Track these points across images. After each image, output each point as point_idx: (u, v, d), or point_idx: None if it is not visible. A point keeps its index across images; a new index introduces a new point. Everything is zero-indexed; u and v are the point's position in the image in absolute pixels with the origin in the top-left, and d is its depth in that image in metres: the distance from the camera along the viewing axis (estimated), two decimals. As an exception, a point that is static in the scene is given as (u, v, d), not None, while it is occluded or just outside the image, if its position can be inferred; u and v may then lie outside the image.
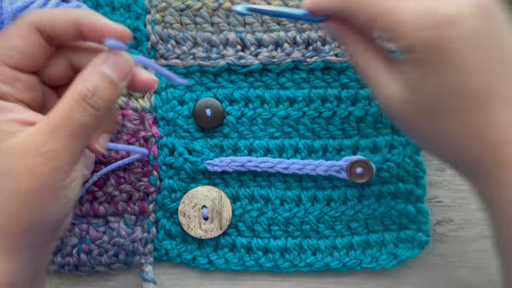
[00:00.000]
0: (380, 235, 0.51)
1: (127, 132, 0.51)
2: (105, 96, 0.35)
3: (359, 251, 0.51)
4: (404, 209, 0.51)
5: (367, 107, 0.51)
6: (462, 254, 0.52)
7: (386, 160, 0.51)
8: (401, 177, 0.51)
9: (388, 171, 0.51)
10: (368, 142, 0.51)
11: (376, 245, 0.51)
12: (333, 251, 0.51)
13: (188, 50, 0.51)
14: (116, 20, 0.50)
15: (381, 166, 0.51)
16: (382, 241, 0.51)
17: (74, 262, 0.51)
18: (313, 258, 0.51)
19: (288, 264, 0.51)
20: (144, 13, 0.51)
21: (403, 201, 0.51)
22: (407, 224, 0.51)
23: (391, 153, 0.51)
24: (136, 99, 0.51)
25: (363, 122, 0.51)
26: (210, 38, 0.51)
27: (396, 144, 0.51)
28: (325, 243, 0.51)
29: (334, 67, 0.51)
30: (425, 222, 0.51)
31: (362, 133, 0.51)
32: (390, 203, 0.51)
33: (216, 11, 0.51)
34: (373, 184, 0.51)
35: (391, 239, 0.51)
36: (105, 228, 0.51)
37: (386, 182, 0.51)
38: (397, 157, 0.50)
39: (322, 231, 0.51)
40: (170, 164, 0.51)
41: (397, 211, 0.51)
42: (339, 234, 0.52)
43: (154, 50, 0.51)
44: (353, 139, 0.51)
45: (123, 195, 0.51)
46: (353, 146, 0.51)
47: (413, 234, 0.51)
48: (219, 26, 0.51)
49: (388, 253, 0.51)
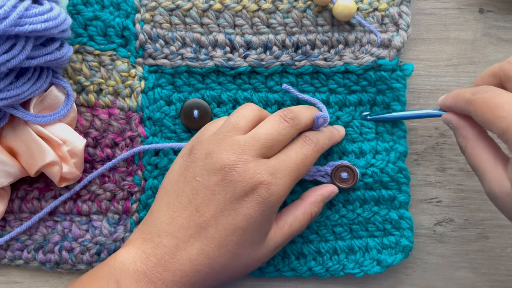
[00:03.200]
0: (364, 241, 0.51)
1: (113, 131, 0.51)
2: None
3: (342, 256, 0.51)
4: (387, 215, 0.51)
5: (354, 112, 0.51)
6: (462, 254, 0.53)
7: (371, 165, 0.51)
8: (384, 183, 0.51)
9: (372, 176, 0.51)
10: (354, 147, 0.51)
11: (359, 250, 0.51)
12: (317, 256, 0.51)
13: (177, 50, 0.51)
14: (105, 18, 0.50)
15: (365, 171, 0.51)
16: (366, 246, 0.51)
17: (56, 259, 0.51)
18: (297, 262, 0.51)
19: (271, 269, 0.51)
20: (134, 12, 0.51)
21: (386, 207, 0.51)
22: (391, 230, 0.51)
23: (375, 158, 0.51)
24: (123, 98, 0.51)
25: (350, 127, 0.51)
26: (199, 39, 0.51)
27: (380, 149, 0.51)
28: (309, 247, 0.51)
29: (323, 71, 0.51)
30: (408, 228, 0.51)
31: (348, 137, 0.51)
32: (374, 208, 0.51)
33: (206, 12, 0.51)
34: (358, 189, 0.51)
35: (375, 245, 0.51)
36: (88, 226, 0.51)
37: (370, 188, 0.51)
38: (381, 163, 0.51)
39: (307, 236, 0.51)
40: (155, 164, 0.51)
41: (381, 217, 0.51)
42: (323, 239, 0.52)
43: (142, 49, 0.51)
44: (339, 143, 0.51)
45: (107, 193, 0.51)
46: (339, 151, 0.51)
47: (396, 240, 0.51)
48: (209, 27, 0.51)
49: (371, 259, 0.51)
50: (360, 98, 0.51)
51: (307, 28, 0.51)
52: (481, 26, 0.53)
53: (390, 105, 0.51)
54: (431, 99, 0.53)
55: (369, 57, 0.50)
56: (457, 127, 0.44)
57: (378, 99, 0.51)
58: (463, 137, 0.44)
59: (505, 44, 0.53)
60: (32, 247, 0.51)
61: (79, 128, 0.51)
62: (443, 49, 0.53)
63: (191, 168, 0.44)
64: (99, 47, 0.51)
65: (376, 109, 0.51)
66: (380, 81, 0.50)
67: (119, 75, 0.51)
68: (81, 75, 0.51)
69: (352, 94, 0.51)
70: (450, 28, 0.53)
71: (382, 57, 0.50)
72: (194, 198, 0.43)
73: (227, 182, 0.42)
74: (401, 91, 0.50)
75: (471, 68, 0.53)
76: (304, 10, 0.50)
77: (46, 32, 0.44)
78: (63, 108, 0.49)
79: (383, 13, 0.50)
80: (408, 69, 0.50)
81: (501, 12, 0.53)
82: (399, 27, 0.50)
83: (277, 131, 0.44)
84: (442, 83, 0.53)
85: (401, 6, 0.50)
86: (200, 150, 0.44)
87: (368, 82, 0.51)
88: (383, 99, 0.51)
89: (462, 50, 0.53)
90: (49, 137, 0.48)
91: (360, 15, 0.50)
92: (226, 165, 0.42)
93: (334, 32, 0.50)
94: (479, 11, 0.53)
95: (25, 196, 0.51)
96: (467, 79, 0.53)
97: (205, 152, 0.43)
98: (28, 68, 0.46)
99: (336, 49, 0.51)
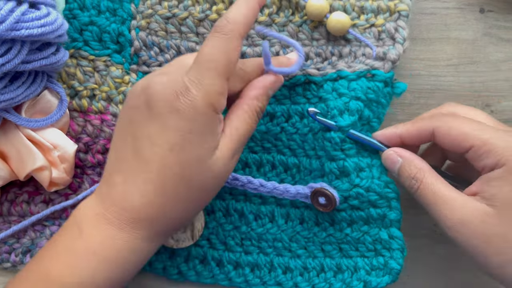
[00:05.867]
0: (354, 260, 0.49)
1: (105, 137, 0.51)
2: None
3: (329, 274, 0.50)
4: (377, 234, 0.48)
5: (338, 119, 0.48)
6: (462, 255, 0.52)
7: (355, 186, 0.47)
8: (372, 202, 0.48)
9: (357, 198, 0.48)
10: (334, 166, 0.48)
11: (347, 270, 0.49)
12: (304, 271, 0.50)
13: (171, 58, 0.51)
14: (101, 24, 0.50)
15: (349, 194, 0.48)
16: (355, 266, 0.49)
17: (43, 264, 0.50)
18: (283, 276, 0.50)
19: (257, 281, 0.50)
20: (130, 19, 0.51)
21: (376, 225, 0.48)
22: (381, 250, 0.48)
23: (359, 177, 0.48)
24: (116, 104, 0.51)
25: (329, 142, 0.48)
26: (194, 48, 0.51)
27: (363, 166, 0.48)
28: (296, 262, 0.50)
29: (314, 80, 0.50)
30: (398, 249, 0.48)
31: (329, 155, 0.49)
32: (363, 228, 0.49)
33: (202, 21, 0.51)
34: (343, 210, 0.49)
35: (364, 265, 0.49)
36: (77, 231, 0.51)
37: (357, 208, 0.48)
38: (366, 181, 0.47)
39: (295, 250, 0.51)
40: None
41: (371, 237, 0.49)
42: (312, 255, 0.50)
43: (136, 56, 0.51)
44: (321, 160, 0.49)
45: (97, 199, 0.51)
46: (321, 169, 0.49)
47: (385, 262, 0.48)
48: (204, 37, 0.51)
49: (359, 280, 0.49)
50: (348, 106, 0.48)
51: (302, 42, 0.51)
52: (482, 26, 0.53)
53: (370, 121, 0.49)
54: (431, 99, 0.53)
55: (363, 65, 0.49)
56: (410, 160, 0.45)
57: (365, 113, 0.48)
58: (419, 169, 0.44)
59: (505, 44, 0.53)
60: (20, 250, 0.51)
61: (70, 133, 0.51)
62: (444, 48, 0.53)
63: (128, 101, 0.42)
64: (94, 52, 0.51)
65: (357, 124, 0.48)
66: (371, 90, 0.48)
67: (113, 81, 0.51)
68: (75, 79, 0.51)
69: (341, 97, 0.48)
70: (451, 28, 0.53)
71: (376, 67, 0.48)
72: (130, 126, 0.41)
73: (148, 99, 0.40)
74: (384, 109, 0.49)
75: (472, 68, 0.53)
76: (300, 24, 0.51)
77: (42, 37, 0.44)
78: (56, 113, 0.49)
79: (379, 29, 0.50)
80: (400, 88, 0.49)
81: (502, 12, 0.53)
82: (395, 41, 0.49)
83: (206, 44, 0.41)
84: (443, 83, 0.53)
85: (398, 20, 0.49)
86: (135, 85, 0.42)
87: (360, 88, 0.48)
88: (369, 114, 0.48)
89: (462, 50, 0.53)
90: (39, 141, 0.48)
91: (357, 31, 0.50)
92: (146, 84, 0.40)
93: (329, 46, 0.51)
94: (479, 11, 0.53)
95: (15, 199, 0.51)
96: (467, 79, 0.53)
97: (139, 85, 0.42)
98: (23, 72, 0.46)
99: (329, 60, 0.51)
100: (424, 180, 0.43)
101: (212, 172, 0.41)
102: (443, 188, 0.42)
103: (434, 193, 0.42)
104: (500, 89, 0.54)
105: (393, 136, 0.46)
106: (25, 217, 0.51)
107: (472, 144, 0.41)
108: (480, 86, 0.54)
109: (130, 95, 0.42)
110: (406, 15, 0.50)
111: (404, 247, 0.48)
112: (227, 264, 0.51)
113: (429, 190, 0.43)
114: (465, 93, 0.54)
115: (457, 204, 0.41)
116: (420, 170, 0.44)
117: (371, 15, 0.50)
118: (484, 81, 0.54)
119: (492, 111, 0.54)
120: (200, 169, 0.40)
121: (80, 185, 0.51)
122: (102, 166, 0.51)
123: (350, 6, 0.50)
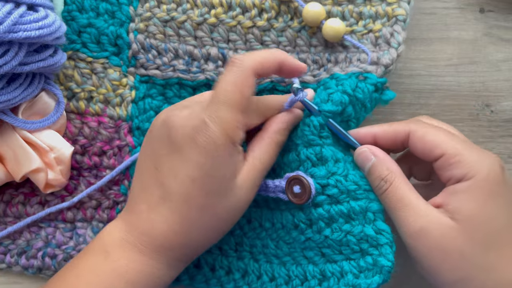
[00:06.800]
0: (339, 265, 0.44)
1: (101, 139, 0.51)
2: None
3: (314, 283, 0.45)
4: (362, 232, 0.43)
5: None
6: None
7: (332, 174, 0.44)
8: (352, 192, 0.44)
9: (336, 186, 0.44)
10: (310, 151, 0.45)
11: (333, 276, 0.44)
12: (288, 280, 0.47)
13: (169, 61, 0.51)
14: (99, 26, 0.51)
15: (327, 182, 0.44)
16: (341, 271, 0.44)
17: (39, 265, 0.50)
18: (269, 284, 0.48)
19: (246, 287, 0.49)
20: (128, 21, 0.51)
21: (359, 222, 0.43)
22: (368, 249, 0.43)
23: (336, 166, 0.44)
24: (113, 106, 0.51)
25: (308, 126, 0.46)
26: (192, 52, 0.51)
27: (339, 157, 0.45)
28: (280, 270, 0.47)
29: (311, 87, 0.50)
30: (386, 243, 0.42)
31: (305, 140, 0.46)
32: (344, 227, 0.44)
33: (200, 25, 0.51)
34: (320, 205, 0.44)
35: (350, 268, 0.44)
36: (72, 233, 0.51)
37: (335, 201, 0.44)
38: (343, 170, 0.44)
39: (281, 257, 0.48)
40: (142, 174, 0.51)
41: (355, 236, 0.43)
42: (296, 262, 0.47)
43: (134, 59, 0.51)
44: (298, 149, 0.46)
45: (93, 202, 0.51)
46: (297, 159, 0.46)
47: (373, 260, 0.43)
48: (202, 41, 0.51)
49: (346, 285, 0.43)
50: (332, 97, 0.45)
51: (300, 48, 0.51)
52: (482, 26, 0.54)
53: (350, 120, 0.47)
54: (431, 99, 0.53)
55: (356, 68, 0.48)
56: (383, 160, 0.44)
57: (348, 109, 0.46)
58: (391, 171, 0.43)
59: (505, 44, 0.53)
60: (15, 251, 0.51)
61: (67, 135, 0.51)
62: (444, 48, 0.53)
63: (151, 132, 0.44)
64: (92, 54, 0.51)
65: (337, 118, 0.46)
66: (361, 89, 0.46)
67: (110, 84, 0.51)
68: (72, 81, 0.51)
69: (327, 90, 0.46)
70: (451, 27, 0.54)
71: (369, 71, 0.47)
72: (152, 156, 0.43)
73: (169, 133, 0.41)
74: (366, 113, 0.48)
75: (472, 68, 0.53)
76: (299, 30, 0.51)
77: (40, 39, 0.44)
78: (53, 115, 0.49)
79: (377, 34, 0.50)
80: (387, 96, 0.48)
81: (502, 12, 0.54)
82: (390, 46, 0.49)
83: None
84: (443, 83, 0.53)
85: (395, 25, 0.49)
86: (157, 118, 0.44)
87: (348, 83, 0.46)
88: (351, 113, 0.46)
89: (462, 50, 0.53)
90: (36, 143, 0.48)
91: (355, 37, 0.50)
92: (167, 117, 0.42)
93: (326, 53, 0.51)
94: (479, 11, 0.54)
95: (10, 200, 0.51)
96: (467, 79, 0.53)
97: (160, 117, 0.44)
98: (20, 74, 0.46)
99: (325, 67, 0.51)
100: (394, 183, 0.42)
101: (234, 202, 0.42)
102: (410, 194, 0.42)
103: (401, 198, 0.42)
104: (500, 89, 0.54)
105: (368, 135, 0.45)
106: (21, 218, 0.51)
107: (444, 152, 0.41)
108: (480, 86, 0.54)
109: (152, 126, 0.44)
110: (404, 19, 0.49)
111: (393, 241, 0.43)
112: (219, 269, 0.51)
113: (396, 194, 0.42)
114: (465, 93, 0.54)
115: (421, 212, 0.41)
116: (391, 172, 0.43)
117: (369, 20, 0.50)
118: (484, 81, 0.54)
119: (492, 111, 0.54)
120: (222, 199, 0.42)
121: (76, 187, 0.51)
122: (98, 168, 0.51)
123: (348, 12, 0.50)
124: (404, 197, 0.42)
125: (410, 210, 0.41)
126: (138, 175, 0.44)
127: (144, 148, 0.44)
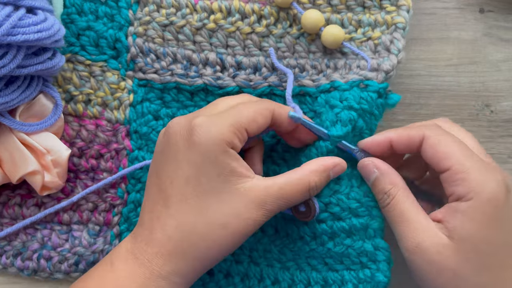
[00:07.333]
0: (340, 274, 0.48)
1: (99, 142, 0.51)
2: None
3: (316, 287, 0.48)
4: (362, 247, 0.46)
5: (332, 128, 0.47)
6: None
7: (335, 192, 0.46)
8: (353, 210, 0.46)
9: (338, 204, 0.46)
10: None
11: (334, 283, 0.48)
12: (292, 284, 0.49)
13: (167, 66, 0.51)
14: (98, 29, 0.51)
15: (329, 200, 0.46)
16: (341, 280, 0.47)
17: (34, 267, 0.51)
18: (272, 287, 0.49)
19: None
20: (127, 25, 0.51)
21: (359, 237, 0.47)
22: (367, 263, 0.46)
23: (339, 184, 0.46)
24: (111, 110, 0.51)
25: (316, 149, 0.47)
26: (190, 56, 0.51)
27: (342, 175, 0.46)
28: (284, 274, 0.49)
29: (309, 92, 0.50)
30: (384, 260, 0.46)
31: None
32: (345, 242, 0.47)
33: (199, 30, 0.51)
34: (323, 221, 0.47)
35: (350, 278, 0.47)
36: (68, 236, 0.51)
37: (338, 218, 0.47)
38: (345, 188, 0.46)
39: (285, 262, 0.50)
40: (138, 178, 0.51)
41: (355, 250, 0.47)
42: (299, 268, 0.49)
43: (133, 63, 0.51)
44: None
45: (89, 204, 0.51)
46: None
47: (372, 275, 0.46)
48: (201, 45, 0.51)
49: None
50: (340, 116, 0.46)
51: (299, 54, 0.51)
52: (482, 26, 0.54)
53: (362, 132, 0.48)
54: (431, 99, 0.54)
55: (357, 76, 0.48)
56: (386, 174, 0.44)
57: (359, 123, 0.47)
58: (394, 185, 0.43)
59: (505, 44, 0.54)
60: (11, 253, 0.51)
61: (65, 138, 0.51)
62: (444, 49, 0.54)
63: (156, 146, 0.45)
64: (91, 57, 0.51)
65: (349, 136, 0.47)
66: (365, 100, 0.47)
67: (109, 87, 0.51)
68: (70, 84, 0.51)
69: (333, 109, 0.47)
70: (451, 28, 0.54)
71: (370, 78, 0.48)
72: (154, 167, 0.44)
73: (168, 139, 0.43)
74: (377, 121, 0.49)
75: (472, 68, 0.54)
76: (297, 36, 0.51)
77: (38, 42, 0.44)
78: (50, 117, 0.49)
79: (376, 41, 0.50)
80: (393, 99, 0.48)
81: (502, 12, 0.54)
82: (390, 52, 0.49)
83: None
84: (443, 83, 0.54)
85: (394, 33, 0.49)
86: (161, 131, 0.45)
87: (352, 97, 0.47)
88: (362, 125, 0.47)
89: (462, 50, 0.54)
90: (33, 145, 0.48)
91: (353, 45, 0.50)
92: (167, 126, 0.43)
93: (325, 59, 0.51)
94: (479, 11, 0.54)
95: (7, 201, 0.51)
96: (467, 79, 0.54)
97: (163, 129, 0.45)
98: (18, 76, 0.46)
99: (324, 72, 0.51)
100: (396, 197, 0.43)
101: (233, 209, 0.41)
102: (411, 209, 0.42)
103: (402, 212, 0.42)
104: (500, 89, 0.54)
105: (384, 141, 0.45)
106: (17, 219, 0.51)
107: (451, 167, 0.41)
108: (480, 86, 0.54)
109: (157, 140, 0.45)
110: (403, 27, 0.49)
111: (391, 258, 0.46)
112: (217, 273, 0.51)
113: (398, 208, 0.43)
114: (465, 93, 0.54)
115: (420, 228, 0.41)
116: (394, 186, 0.43)
117: (368, 28, 0.50)
118: (484, 81, 0.54)
119: (492, 111, 0.54)
120: (219, 203, 0.41)
121: (73, 189, 0.51)
122: (95, 171, 0.52)
123: (347, 20, 0.50)
124: (405, 212, 0.42)
125: (410, 225, 0.42)
126: (146, 186, 0.45)
127: (152, 161, 0.45)
